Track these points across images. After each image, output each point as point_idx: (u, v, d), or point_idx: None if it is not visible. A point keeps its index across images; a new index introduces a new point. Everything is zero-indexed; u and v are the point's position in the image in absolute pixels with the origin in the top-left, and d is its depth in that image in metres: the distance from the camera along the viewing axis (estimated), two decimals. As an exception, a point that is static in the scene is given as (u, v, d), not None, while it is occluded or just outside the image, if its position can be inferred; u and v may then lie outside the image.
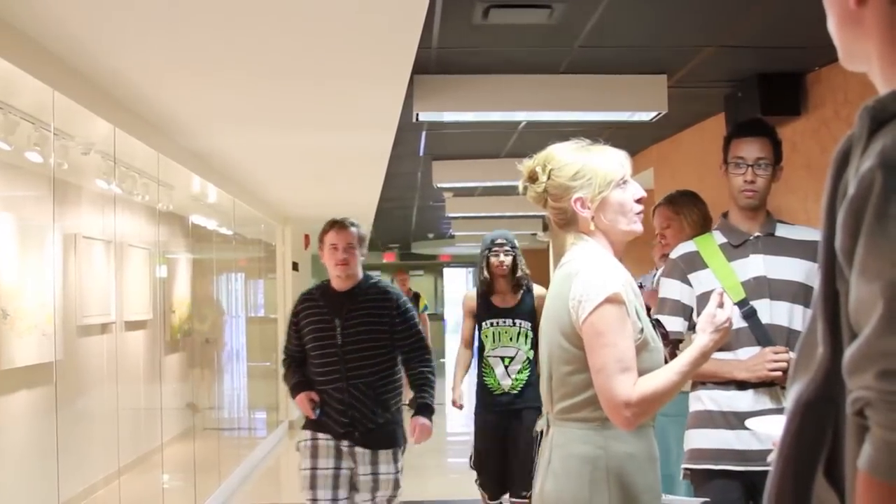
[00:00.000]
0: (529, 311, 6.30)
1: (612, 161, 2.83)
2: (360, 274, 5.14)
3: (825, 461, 1.58)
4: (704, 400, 3.77)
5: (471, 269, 30.74)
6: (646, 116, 6.22)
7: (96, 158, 5.58)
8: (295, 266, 14.19)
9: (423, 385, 5.23)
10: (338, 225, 5.20)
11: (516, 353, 6.29)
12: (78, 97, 4.94)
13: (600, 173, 2.80)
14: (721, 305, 2.82)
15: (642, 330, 2.75)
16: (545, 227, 15.68)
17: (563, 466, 2.74)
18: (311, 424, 5.14)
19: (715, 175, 4.07)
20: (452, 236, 19.28)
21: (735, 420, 3.62)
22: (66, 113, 4.90)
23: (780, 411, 3.34)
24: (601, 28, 4.86)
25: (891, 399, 1.39)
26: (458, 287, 30.01)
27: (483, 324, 6.41)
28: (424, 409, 5.23)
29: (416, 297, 14.29)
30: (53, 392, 4.89)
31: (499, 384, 6.28)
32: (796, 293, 3.66)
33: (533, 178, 2.88)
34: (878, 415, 1.41)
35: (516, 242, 6.44)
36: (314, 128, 6.72)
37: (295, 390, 5.20)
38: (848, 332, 1.50)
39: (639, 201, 2.86)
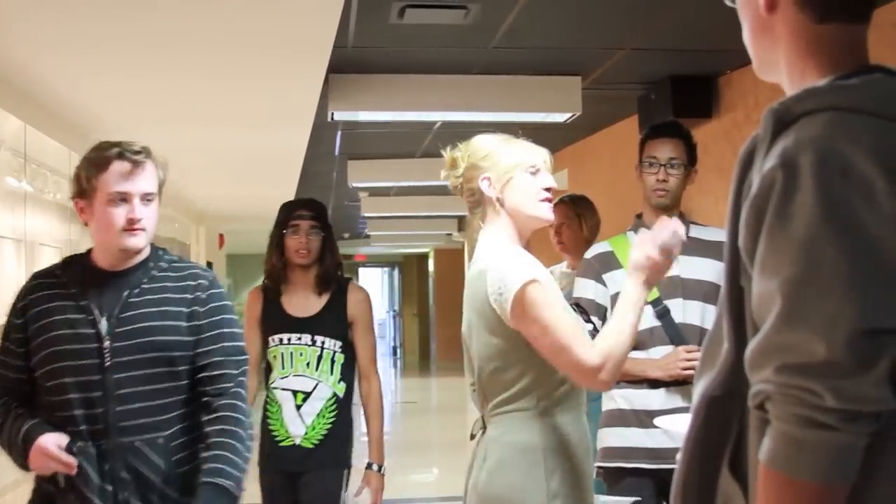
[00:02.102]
0: (340, 324, 4.35)
1: (526, 149, 2.86)
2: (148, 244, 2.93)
3: (730, 455, 1.61)
4: (617, 399, 3.80)
5: (387, 270, 30.76)
6: (560, 118, 6.26)
7: (6, 156, 5.48)
8: (209, 265, 14.05)
9: (221, 455, 2.81)
10: (128, 156, 2.86)
11: (315, 387, 4.30)
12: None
13: (510, 156, 2.83)
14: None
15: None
16: (460, 228, 15.71)
17: (500, 456, 2.73)
18: None
19: (628, 176, 4.11)
20: (368, 236, 19.24)
21: (647, 418, 3.66)
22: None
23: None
24: (516, 29, 4.88)
25: (789, 392, 1.42)
26: (374, 288, 29.96)
27: (269, 339, 4.35)
28: (216, 497, 2.79)
29: None
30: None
31: (286, 432, 4.28)
32: (708, 293, 3.70)
33: (454, 165, 2.90)
34: (776, 408, 1.44)
35: (328, 218, 4.52)
36: (229, 126, 6.66)
37: (26, 441, 2.75)
38: (752, 329, 1.53)
39: (548, 190, 2.87)
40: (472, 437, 2.94)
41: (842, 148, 1.45)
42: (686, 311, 3.73)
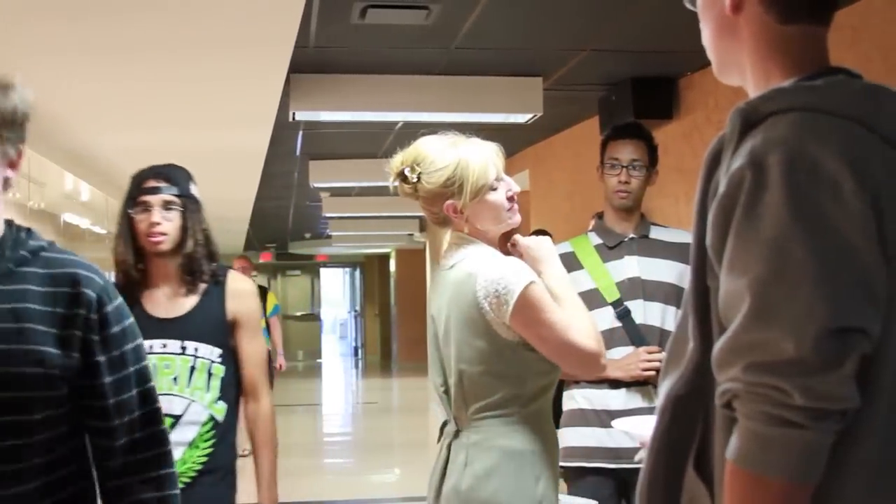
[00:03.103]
0: (217, 326, 3.41)
1: (484, 161, 2.80)
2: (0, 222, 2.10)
3: (695, 454, 1.62)
4: (577, 398, 3.81)
5: (349, 270, 30.72)
6: (521, 118, 6.27)
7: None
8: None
9: None
10: None
11: (186, 409, 3.32)
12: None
13: (471, 179, 2.77)
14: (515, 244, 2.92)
15: None
16: (422, 228, 15.71)
17: (487, 461, 2.72)
18: None
19: (589, 177, 4.12)
20: (329, 236, 19.21)
21: (607, 418, 3.67)
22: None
23: (651, 410, 3.40)
24: (477, 30, 4.88)
25: (757, 391, 1.43)
26: (336, 288, 29.91)
27: None
28: None
29: (262, 294, 10.49)
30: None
31: None
32: (669, 294, 3.72)
33: (402, 177, 2.85)
34: (744, 406, 1.46)
35: (195, 189, 3.53)
36: (189, 127, 6.62)
37: None
38: (718, 328, 1.54)
39: (511, 198, 2.86)
40: (440, 439, 2.92)
41: (809, 147, 1.46)
42: (647, 312, 3.75)
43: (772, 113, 1.54)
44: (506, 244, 2.93)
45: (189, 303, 3.41)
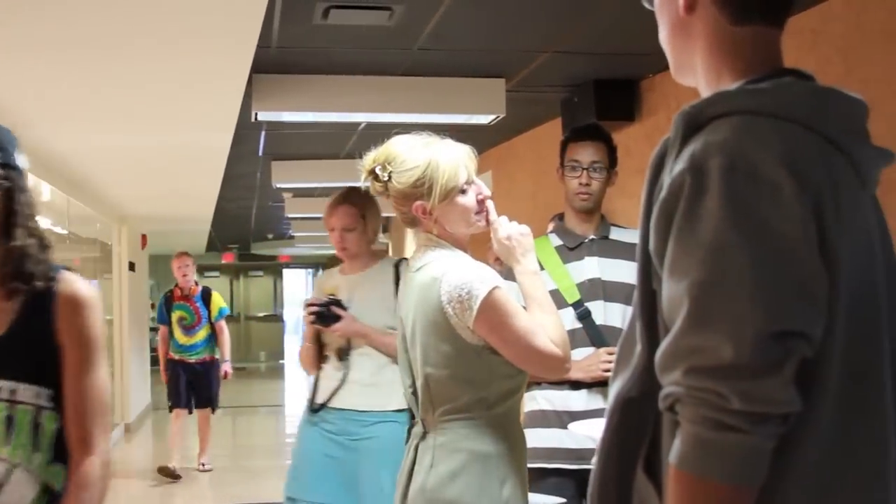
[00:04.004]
0: (40, 355, 2.37)
1: (454, 164, 2.80)
2: None
3: (645, 456, 1.62)
4: (539, 399, 3.82)
5: (311, 271, 30.61)
6: (484, 119, 6.27)
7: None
8: (132, 266, 13.89)
9: None
10: None
11: (7, 477, 2.32)
12: None
13: (441, 182, 2.77)
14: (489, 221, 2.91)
15: None
16: (385, 229, 15.69)
17: (452, 463, 2.72)
18: None
19: (551, 178, 4.13)
20: (292, 237, 19.14)
21: (569, 419, 3.68)
22: None
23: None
24: (440, 31, 4.89)
25: (697, 395, 1.44)
26: (299, 288, 29.80)
27: None
28: None
29: (205, 296, 10.10)
30: None
31: None
32: (629, 295, 3.73)
33: (374, 176, 2.85)
34: (686, 410, 1.46)
35: (22, 159, 2.49)
36: (151, 127, 6.59)
37: None
38: (663, 331, 1.55)
39: (482, 201, 2.87)
40: (407, 440, 2.92)
41: (750, 152, 1.47)
42: (607, 313, 3.76)
43: (715, 116, 1.54)
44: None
45: (3, 319, 2.40)
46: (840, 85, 1.62)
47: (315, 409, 4.40)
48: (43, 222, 2.38)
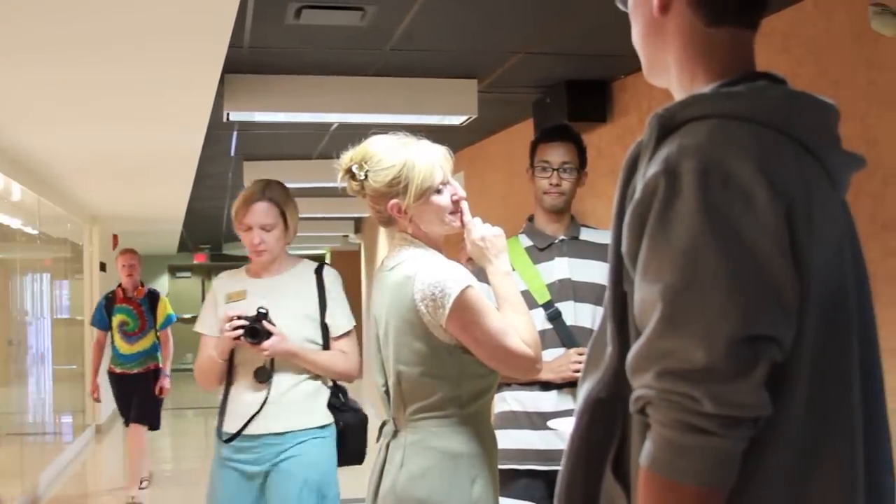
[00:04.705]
0: None
1: (430, 164, 2.82)
2: None
3: (613, 457, 1.63)
4: (509, 400, 3.83)
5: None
6: (456, 120, 6.27)
7: None
8: (103, 266, 13.83)
9: None
10: None
11: None
12: None
13: (416, 181, 2.78)
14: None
15: None
16: (357, 230, 15.68)
17: (422, 461, 2.73)
18: None
19: (523, 179, 4.14)
20: (265, 238, 19.05)
21: (539, 420, 3.69)
22: None
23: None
24: (412, 32, 4.88)
25: (669, 398, 1.44)
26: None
27: None
28: None
29: (151, 300, 9.11)
30: None
31: None
32: (599, 295, 3.72)
33: (350, 175, 2.86)
34: (657, 413, 1.46)
35: None
36: (122, 127, 6.56)
37: None
38: (635, 333, 1.55)
39: (457, 202, 2.88)
40: (378, 439, 2.93)
41: (723, 156, 1.47)
42: (577, 314, 3.77)
43: (689, 119, 1.55)
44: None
45: None
46: (812, 86, 1.63)
47: (227, 439, 3.91)
48: (13, 222, 2.40)
